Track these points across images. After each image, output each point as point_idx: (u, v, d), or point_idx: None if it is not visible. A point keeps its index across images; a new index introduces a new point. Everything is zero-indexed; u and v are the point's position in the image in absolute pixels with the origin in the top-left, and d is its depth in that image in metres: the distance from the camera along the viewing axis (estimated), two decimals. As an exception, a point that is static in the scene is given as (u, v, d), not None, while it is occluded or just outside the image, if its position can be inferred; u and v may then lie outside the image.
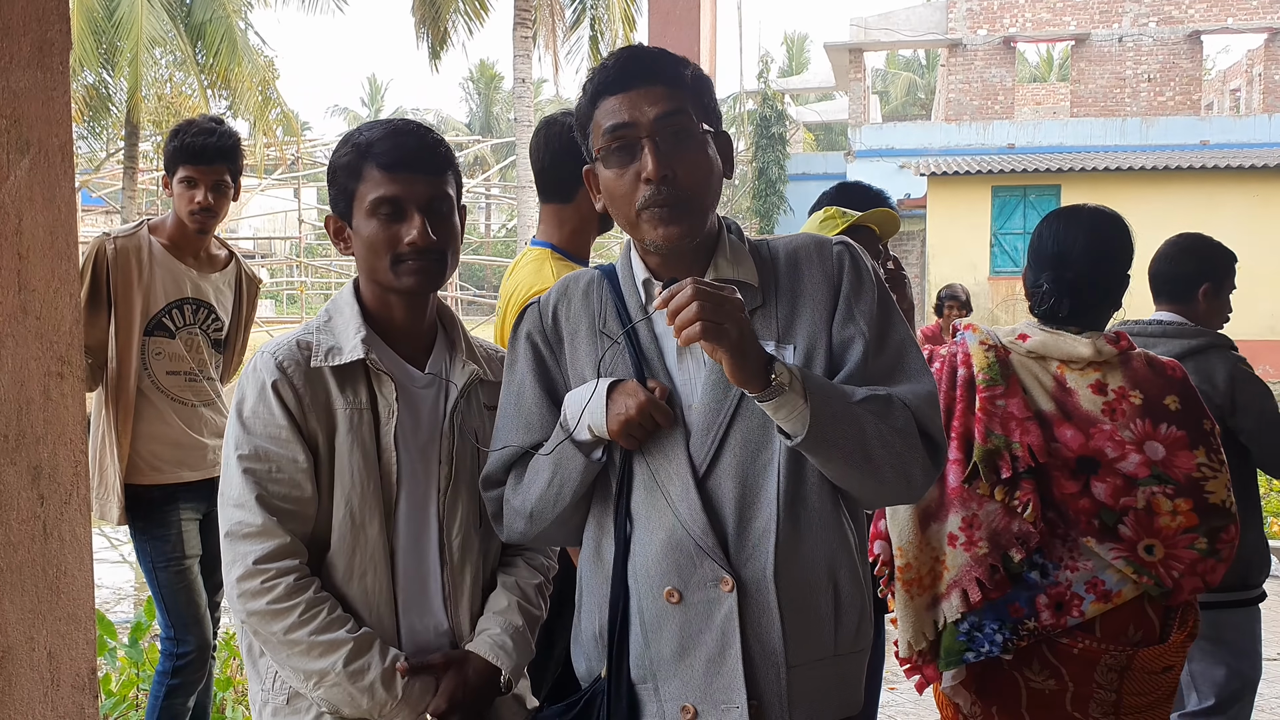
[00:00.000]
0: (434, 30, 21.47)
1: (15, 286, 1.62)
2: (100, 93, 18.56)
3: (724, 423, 1.60)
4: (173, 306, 3.20)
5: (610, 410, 1.60)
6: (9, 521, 1.60)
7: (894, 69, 45.39)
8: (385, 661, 1.67)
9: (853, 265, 1.67)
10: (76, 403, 1.74)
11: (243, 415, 1.72)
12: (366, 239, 1.73)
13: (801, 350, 1.62)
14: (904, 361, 1.64)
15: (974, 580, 2.08)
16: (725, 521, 1.59)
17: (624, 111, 1.59)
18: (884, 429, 1.55)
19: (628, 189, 1.60)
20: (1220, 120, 22.46)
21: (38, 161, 1.66)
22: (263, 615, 1.64)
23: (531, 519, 1.71)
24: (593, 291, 1.75)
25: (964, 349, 2.22)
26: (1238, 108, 30.21)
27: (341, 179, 1.75)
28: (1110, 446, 2.07)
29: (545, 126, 2.55)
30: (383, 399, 1.74)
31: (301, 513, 1.70)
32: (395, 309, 1.80)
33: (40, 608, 1.66)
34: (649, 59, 1.63)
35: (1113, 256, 2.24)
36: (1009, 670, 2.15)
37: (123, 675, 4.02)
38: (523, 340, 1.76)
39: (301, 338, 1.76)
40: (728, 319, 1.46)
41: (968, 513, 2.11)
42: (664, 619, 1.60)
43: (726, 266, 1.66)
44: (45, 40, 1.68)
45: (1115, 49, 24.04)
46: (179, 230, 3.22)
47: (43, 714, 1.66)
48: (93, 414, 3.23)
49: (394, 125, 1.75)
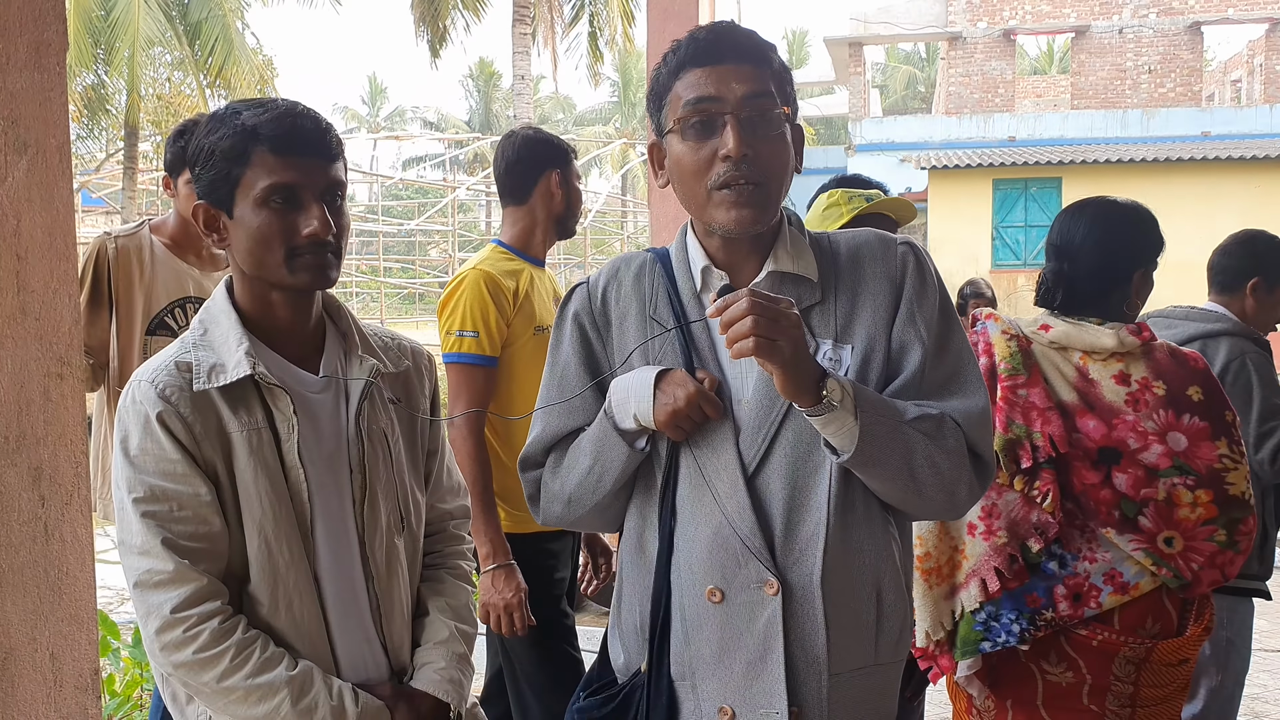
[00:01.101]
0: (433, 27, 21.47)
1: (14, 287, 1.62)
2: (98, 93, 18.57)
3: (776, 421, 1.55)
4: (175, 305, 3.19)
5: (658, 400, 1.55)
6: (10, 523, 1.60)
7: (894, 62, 45.34)
8: (332, 695, 1.56)
9: (917, 266, 1.62)
10: (77, 403, 1.74)
11: (130, 453, 1.54)
12: (255, 230, 1.56)
13: (859, 351, 1.58)
14: (961, 373, 1.60)
15: (992, 570, 2.08)
16: (773, 522, 1.54)
17: (710, 85, 1.53)
18: (933, 450, 1.52)
19: (702, 165, 1.54)
20: (1221, 111, 22.40)
21: (35, 162, 1.66)
22: (190, 666, 1.51)
23: (570, 504, 1.68)
24: (645, 275, 1.69)
25: (985, 338, 2.21)
26: (1239, 98, 30.16)
27: (220, 164, 1.56)
28: (1133, 437, 2.07)
29: (505, 138, 2.89)
30: (279, 414, 1.59)
31: (213, 550, 1.55)
32: (279, 309, 1.64)
33: (42, 609, 1.66)
34: (743, 35, 1.57)
35: (1114, 248, 2.21)
36: (1025, 662, 2.14)
37: (127, 676, 4.02)
38: (569, 321, 1.71)
39: (180, 358, 1.59)
40: (782, 335, 1.41)
41: (987, 502, 2.10)
42: (705, 618, 1.56)
43: (786, 259, 1.61)
44: (42, 41, 1.68)
45: (1116, 40, 24.00)
46: (181, 229, 3.22)
47: (45, 714, 1.66)
48: (95, 415, 3.23)
49: (282, 106, 1.58)
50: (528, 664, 2.70)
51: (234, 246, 1.61)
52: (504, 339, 2.66)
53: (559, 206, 2.83)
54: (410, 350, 1.83)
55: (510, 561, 2.58)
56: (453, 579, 1.84)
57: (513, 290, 2.67)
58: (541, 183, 2.80)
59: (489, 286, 2.64)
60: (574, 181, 2.87)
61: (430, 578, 1.82)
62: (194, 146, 1.61)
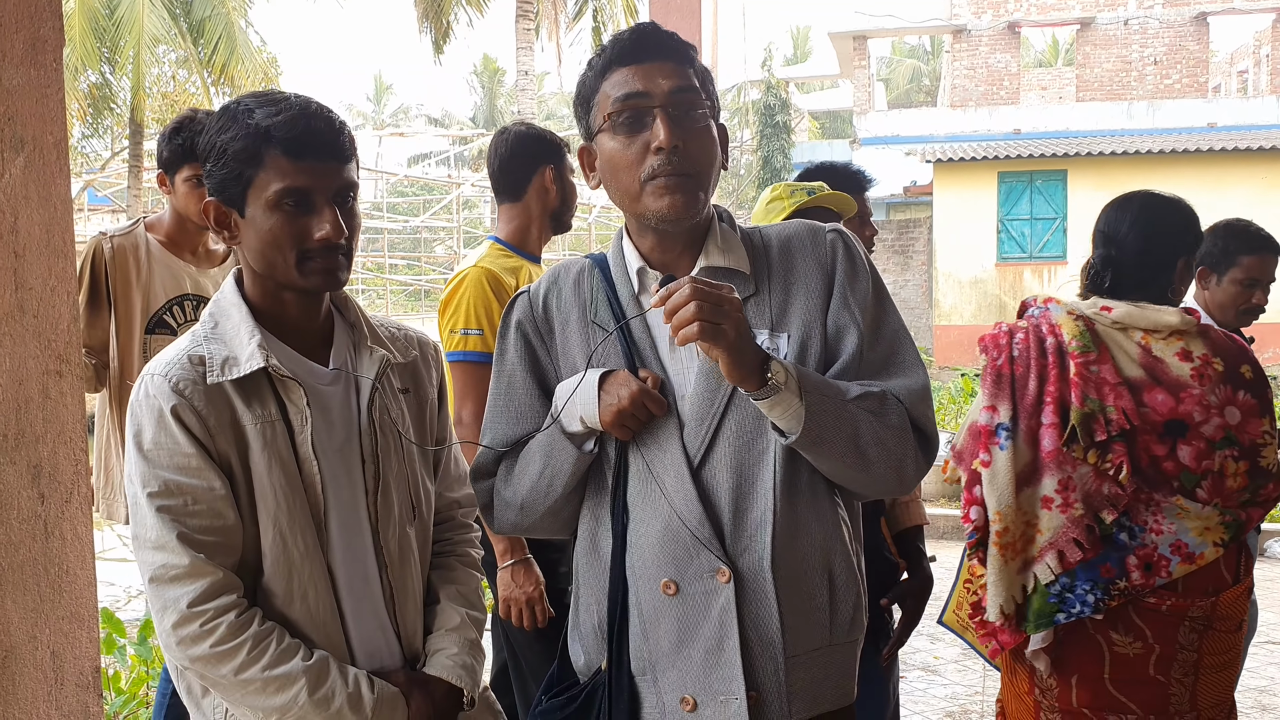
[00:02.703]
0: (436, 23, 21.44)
1: (12, 285, 1.61)
2: (103, 92, 18.59)
3: (718, 412, 1.59)
4: (173, 303, 3.19)
5: (602, 400, 1.58)
6: (10, 521, 1.60)
7: (898, 56, 45.22)
8: (349, 684, 1.57)
9: (846, 253, 1.66)
10: (76, 401, 1.73)
11: (143, 448, 1.54)
12: (266, 232, 1.56)
13: (796, 339, 1.61)
14: (898, 353, 1.64)
15: (1071, 541, 2.14)
16: (721, 512, 1.58)
17: (638, 81, 1.57)
18: (878, 427, 1.55)
19: (634, 159, 1.58)
20: (1228, 102, 22.33)
21: (32, 159, 1.65)
22: (207, 660, 1.51)
23: (523, 510, 1.70)
24: (583, 280, 1.73)
25: (1048, 319, 2.27)
26: (1245, 89, 30.05)
27: (232, 164, 1.55)
28: (1198, 410, 2.14)
29: (498, 135, 2.89)
30: (293, 406, 1.60)
31: (228, 543, 1.55)
32: (289, 304, 1.65)
33: (43, 607, 1.65)
34: (664, 35, 1.62)
35: (1159, 236, 2.30)
36: (1093, 634, 2.19)
37: (132, 673, 4.03)
38: (513, 330, 1.74)
39: (192, 351, 1.59)
40: (725, 319, 1.45)
41: (1063, 475, 2.15)
42: (661, 611, 1.59)
43: (717, 254, 1.64)
44: (38, 37, 1.67)
45: (1121, 32, 23.91)
46: (177, 227, 3.21)
47: (47, 713, 1.66)
48: (97, 414, 3.24)
49: (296, 106, 1.56)
50: (533, 658, 2.70)
51: (245, 245, 1.61)
52: None
53: (554, 202, 2.84)
54: (417, 341, 1.84)
55: (527, 556, 2.59)
56: (463, 566, 1.85)
57: (513, 287, 2.67)
58: (536, 179, 2.80)
59: (491, 283, 2.63)
60: (568, 176, 2.87)
61: (440, 565, 1.83)
62: (205, 142, 1.60)
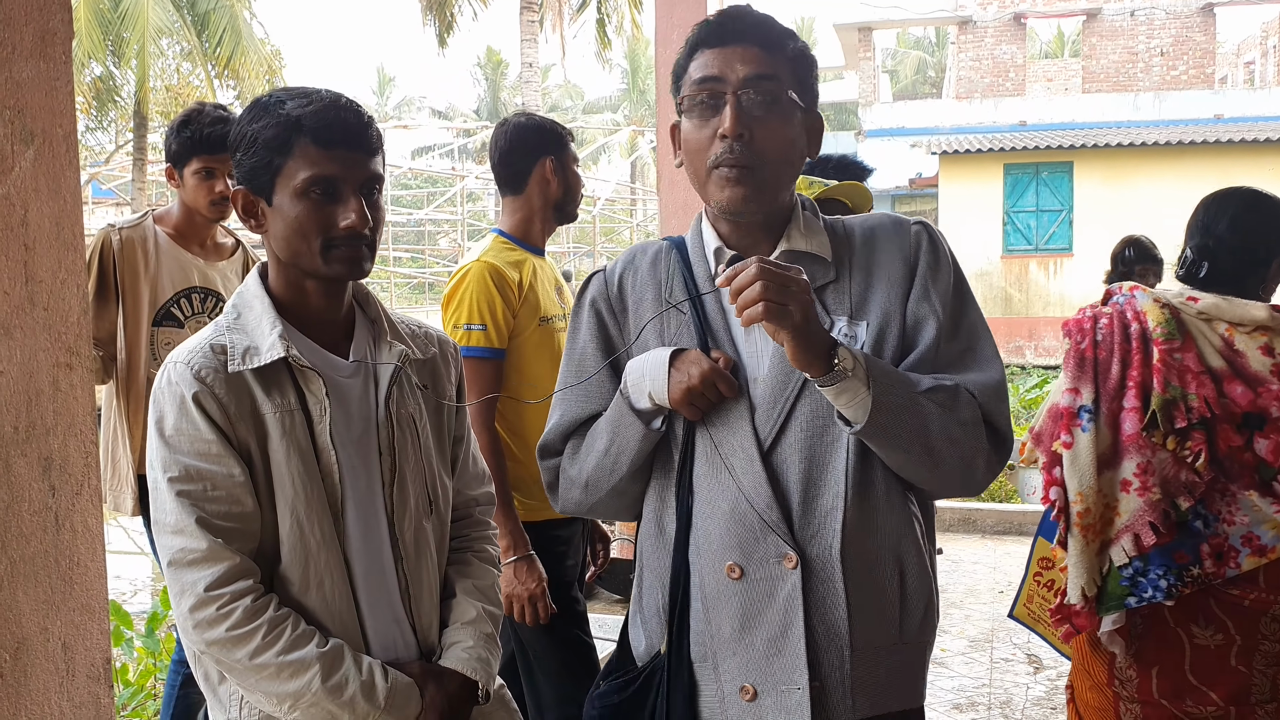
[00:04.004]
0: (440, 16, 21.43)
1: (22, 278, 1.62)
2: (107, 85, 18.59)
3: (791, 397, 1.55)
4: (181, 296, 3.19)
5: (672, 378, 1.56)
6: (21, 513, 1.60)
7: (904, 47, 45.12)
8: (362, 672, 1.59)
9: (930, 245, 1.63)
10: (86, 394, 1.74)
11: (165, 434, 1.57)
12: (293, 220, 1.59)
13: (874, 328, 1.58)
14: (976, 347, 1.60)
15: (1148, 524, 2.14)
16: (790, 497, 1.54)
17: (715, 65, 1.56)
18: (948, 421, 1.51)
19: (704, 144, 1.56)
20: (1234, 93, 22.25)
21: (42, 152, 1.65)
22: (223, 643, 1.53)
23: (587, 489, 1.69)
24: (660, 261, 1.71)
25: (1133, 306, 2.29)
26: (1252, 80, 29.94)
27: (262, 152, 1.58)
28: (1275, 406, 2.15)
29: (498, 127, 2.86)
30: (312, 396, 1.62)
31: (246, 529, 1.58)
32: (312, 296, 1.67)
33: (54, 599, 1.66)
34: (752, 19, 1.59)
35: (1257, 233, 2.34)
36: (1174, 628, 2.21)
37: (140, 665, 4.04)
38: (586, 308, 1.74)
39: (214, 340, 1.62)
40: (792, 300, 1.42)
41: (1143, 459, 2.17)
42: (724, 595, 1.56)
43: (799, 239, 1.62)
44: (47, 30, 1.67)
45: (1127, 23, 23.82)
46: (185, 219, 3.22)
47: (58, 704, 1.67)
48: (104, 406, 3.24)
49: (325, 98, 1.60)
50: (540, 650, 2.71)
51: (271, 233, 1.63)
52: (511, 330, 2.65)
53: (556, 193, 2.81)
54: (437, 339, 1.87)
55: (530, 552, 2.60)
56: (479, 562, 1.86)
57: (517, 281, 2.66)
58: (536, 170, 2.78)
59: (494, 278, 2.62)
60: (570, 166, 2.84)
61: (457, 560, 1.85)
62: (235, 132, 1.63)
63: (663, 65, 4.79)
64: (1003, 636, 5.04)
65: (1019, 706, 4.24)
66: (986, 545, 6.69)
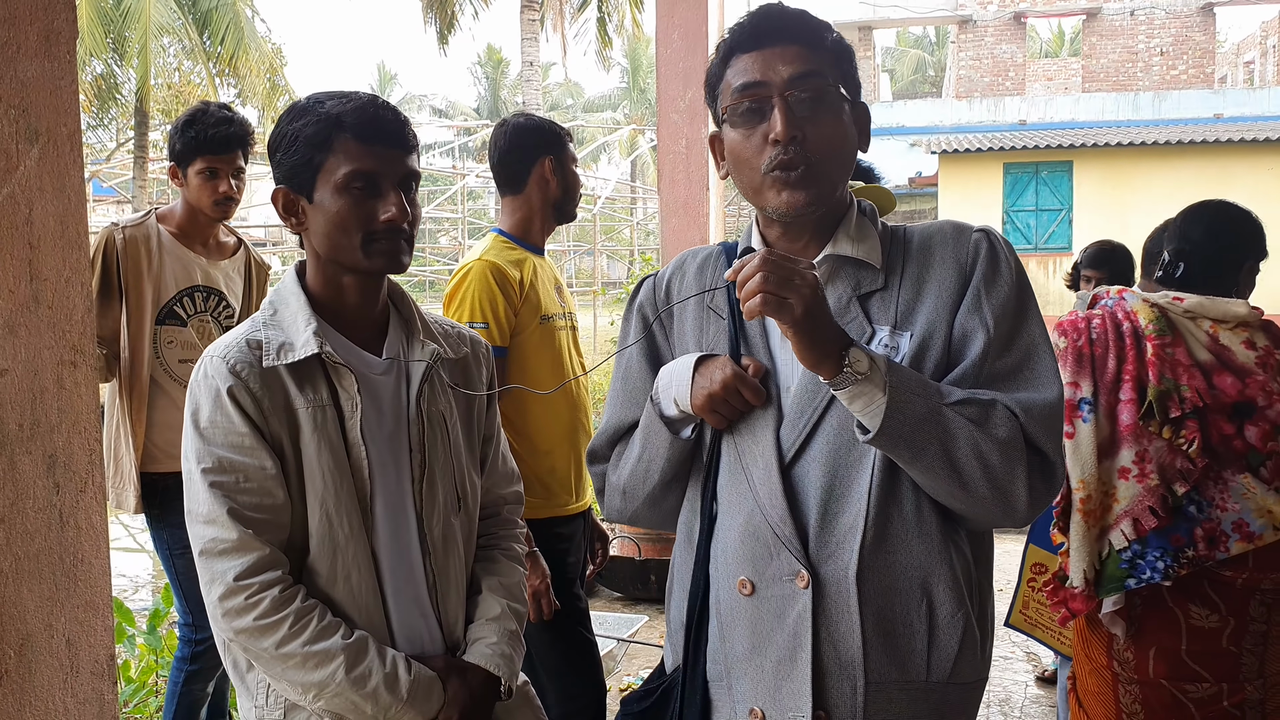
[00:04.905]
0: (441, 14, 21.43)
1: (27, 276, 1.62)
2: (109, 82, 18.59)
3: (819, 408, 1.48)
4: (184, 294, 3.20)
5: (695, 384, 1.52)
6: (25, 510, 1.61)
7: (903, 46, 45.08)
8: (386, 664, 1.61)
9: (990, 254, 1.52)
10: (90, 391, 1.74)
11: (200, 426, 1.62)
12: (334, 215, 1.62)
13: (918, 339, 1.48)
14: (1031, 365, 1.48)
15: (1147, 509, 2.26)
16: (808, 513, 1.46)
17: (756, 70, 1.48)
18: (979, 437, 1.40)
19: (753, 152, 1.50)
20: (1234, 93, 22.23)
21: (47, 151, 1.66)
22: (251, 632, 1.57)
23: (625, 496, 1.66)
24: (708, 266, 1.67)
25: (1123, 307, 2.43)
26: (1251, 80, 29.93)
27: (303, 150, 1.63)
28: (1261, 396, 2.29)
29: (497, 127, 2.88)
30: (344, 392, 1.65)
31: (276, 521, 1.61)
32: (348, 293, 1.70)
33: (58, 595, 1.66)
34: (788, 17, 1.51)
35: (1230, 239, 2.49)
36: (1172, 608, 2.32)
37: (141, 662, 4.05)
38: (635, 313, 1.71)
39: (250, 336, 1.66)
40: (792, 293, 1.35)
41: (1140, 448, 2.29)
42: (737, 612, 1.50)
43: (847, 243, 1.54)
44: (52, 29, 1.67)
45: (1127, 22, 23.82)
46: (189, 218, 3.22)
47: (62, 700, 1.67)
48: (107, 404, 3.25)
49: (364, 98, 1.64)
50: (541, 646, 2.71)
51: (311, 230, 1.67)
52: (512, 329, 2.66)
53: (555, 193, 2.82)
54: (470, 339, 1.90)
55: (533, 549, 2.61)
56: (506, 560, 1.89)
57: (518, 280, 2.67)
58: (535, 170, 2.79)
59: (495, 276, 2.63)
60: (569, 166, 2.85)
61: (484, 558, 1.88)
62: (275, 133, 1.67)
63: (663, 64, 4.79)
64: (1002, 635, 5.05)
65: (1018, 705, 4.25)
66: (986, 544, 6.70)
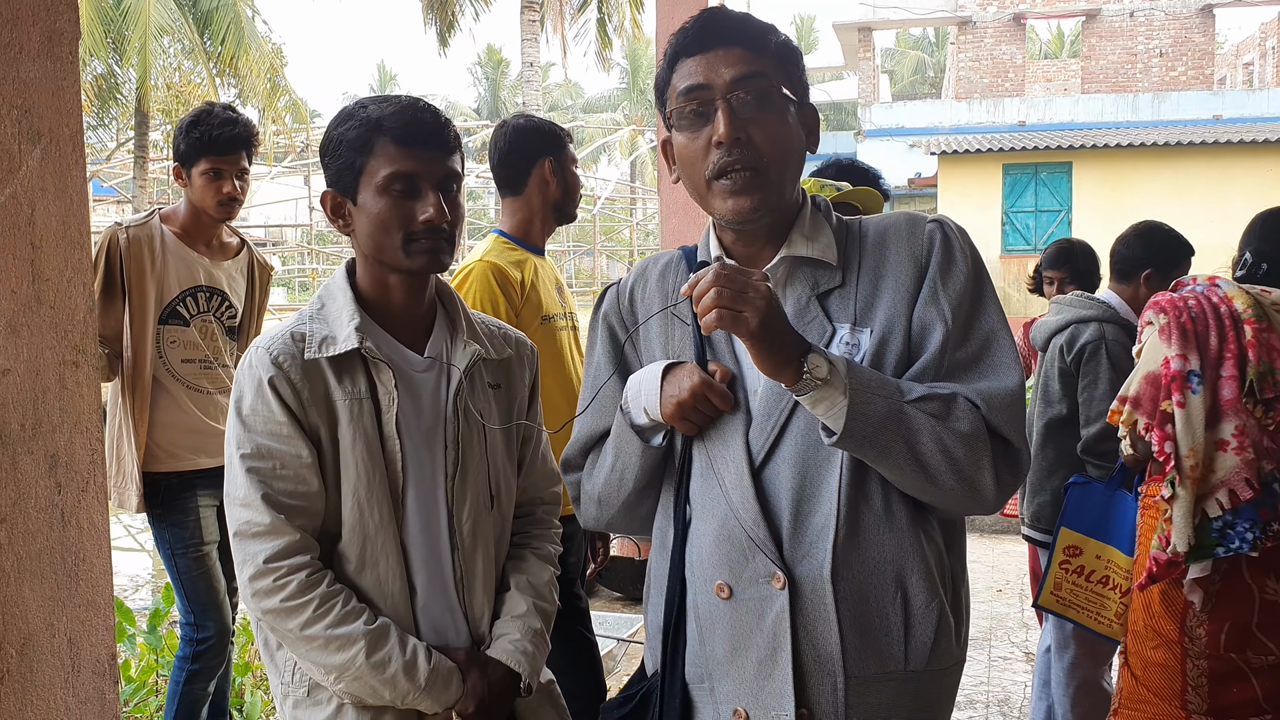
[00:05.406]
0: (442, 15, 21.44)
1: (29, 276, 1.62)
2: (109, 82, 18.59)
3: (785, 410, 1.49)
4: (186, 295, 3.21)
5: (664, 392, 1.52)
6: (27, 510, 1.61)
7: (903, 47, 45.10)
8: (406, 652, 1.65)
9: (944, 244, 1.52)
10: (92, 391, 1.74)
11: (242, 413, 1.68)
12: (376, 216, 1.67)
13: (878, 335, 1.49)
14: (991, 353, 1.49)
15: (1244, 480, 2.37)
16: (780, 514, 1.48)
17: (699, 73, 1.48)
18: (942, 432, 1.42)
19: (699, 155, 1.49)
20: (1233, 94, 22.25)
21: (49, 151, 1.66)
22: (277, 613, 1.63)
23: (600, 504, 1.67)
24: (669, 273, 1.68)
25: (1216, 293, 2.53)
26: (1251, 81, 29.94)
27: (346, 153, 1.68)
28: None
29: (497, 128, 2.89)
30: (382, 387, 1.70)
31: (309, 508, 1.67)
32: (394, 291, 1.75)
33: (59, 595, 1.67)
34: (729, 20, 1.51)
35: None
36: (1249, 582, 2.44)
37: (142, 661, 4.05)
38: (600, 322, 1.72)
39: (295, 329, 1.72)
40: (747, 306, 1.36)
41: (1239, 421, 2.40)
42: (716, 616, 1.51)
43: (802, 243, 1.54)
44: (54, 30, 1.68)
45: (1127, 24, 23.83)
46: (192, 219, 3.23)
47: (64, 700, 1.67)
48: (109, 403, 3.25)
49: (404, 101, 1.69)
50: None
51: (356, 231, 1.72)
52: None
53: (555, 194, 2.82)
54: (514, 340, 1.94)
55: None
56: (536, 559, 1.92)
57: (519, 281, 2.68)
58: (535, 172, 2.80)
59: (497, 278, 2.64)
60: (569, 167, 2.85)
61: (515, 556, 1.91)
62: (324, 139, 1.73)
63: (664, 65, 4.78)
64: (1001, 635, 5.05)
65: (1017, 704, 4.26)
66: (984, 544, 6.70)
